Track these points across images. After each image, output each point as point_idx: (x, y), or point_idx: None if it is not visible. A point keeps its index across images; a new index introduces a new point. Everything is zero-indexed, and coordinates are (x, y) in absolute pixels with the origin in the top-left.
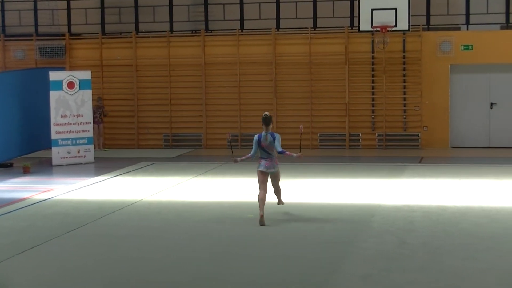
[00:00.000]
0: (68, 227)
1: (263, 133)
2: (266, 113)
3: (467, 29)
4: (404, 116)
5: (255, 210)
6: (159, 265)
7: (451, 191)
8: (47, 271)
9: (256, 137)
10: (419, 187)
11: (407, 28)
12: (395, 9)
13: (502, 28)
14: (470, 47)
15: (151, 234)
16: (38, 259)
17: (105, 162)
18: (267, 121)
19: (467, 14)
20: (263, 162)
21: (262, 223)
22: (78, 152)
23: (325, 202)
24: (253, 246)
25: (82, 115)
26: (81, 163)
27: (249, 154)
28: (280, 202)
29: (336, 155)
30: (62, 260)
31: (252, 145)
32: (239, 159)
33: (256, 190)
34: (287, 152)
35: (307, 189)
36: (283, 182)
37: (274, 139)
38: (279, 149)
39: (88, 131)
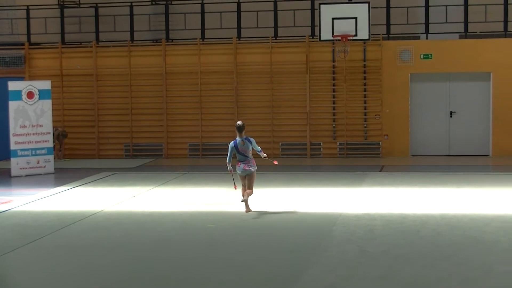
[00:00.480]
0: (27, 238)
1: (238, 139)
2: (239, 122)
3: (427, 38)
4: (365, 125)
5: (216, 219)
6: (120, 275)
7: (412, 200)
8: (6, 283)
9: (231, 143)
10: (380, 195)
11: (367, 37)
12: (356, 18)
13: (461, 37)
14: (429, 56)
15: (112, 245)
16: None
17: (65, 172)
18: (240, 129)
19: (427, 24)
20: (241, 165)
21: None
22: (38, 162)
23: (286, 211)
24: (214, 255)
25: (42, 125)
26: (40, 174)
27: (227, 161)
28: (246, 205)
29: (298, 164)
30: (21, 272)
31: (228, 152)
32: (230, 169)
33: (218, 199)
34: (262, 152)
35: (269, 199)
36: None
37: (250, 143)
38: (259, 148)
39: (48, 141)
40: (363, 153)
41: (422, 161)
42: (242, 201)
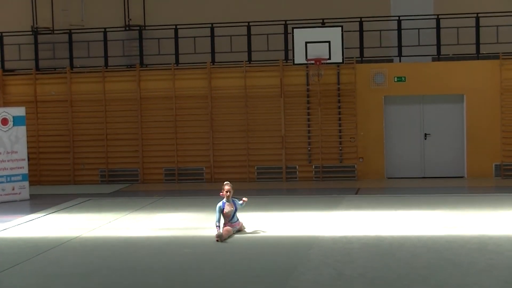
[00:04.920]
0: (2, 265)
1: (225, 201)
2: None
3: (400, 61)
4: (340, 148)
5: (192, 245)
6: None
7: (388, 222)
8: None
9: (220, 204)
10: (356, 218)
11: (341, 61)
12: (329, 42)
13: (433, 59)
14: (403, 78)
15: (88, 271)
16: None
17: (41, 199)
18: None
19: (399, 47)
20: (232, 224)
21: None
22: (13, 189)
23: (262, 234)
24: (190, 280)
25: (17, 152)
26: (16, 200)
27: (216, 222)
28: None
29: (273, 188)
30: None
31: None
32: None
33: (194, 224)
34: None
35: (245, 223)
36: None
37: (236, 208)
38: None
39: (23, 167)
40: (339, 176)
41: (397, 184)
42: (218, 237)
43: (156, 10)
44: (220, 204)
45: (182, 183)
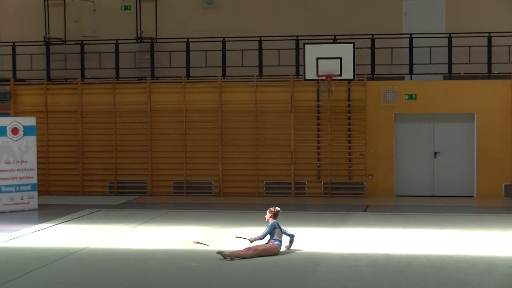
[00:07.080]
0: (10, 275)
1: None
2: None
3: (411, 79)
4: (349, 165)
5: (200, 258)
6: None
7: (397, 240)
8: None
9: (275, 223)
10: (364, 235)
11: (352, 77)
12: (340, 58)
13: (445, 78)
14: (414, 96)
15: (94, 283)
16: None
17: (49, 209)
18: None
19: (411, 64)
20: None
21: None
22: (22, 198)
23: None
24: None
25: (26, 161)
26: (24, 210)
27: (260, 235)
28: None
29: (282, 203)
30: None
31: (267, 228)
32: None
33: (202, 238)
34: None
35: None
36: (229, 230)
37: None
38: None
39: (32, 177)
40: (348, 193)
41: (406, 202)
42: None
43: (168, 23)
44: (275, 223)
45: (190, 197)
